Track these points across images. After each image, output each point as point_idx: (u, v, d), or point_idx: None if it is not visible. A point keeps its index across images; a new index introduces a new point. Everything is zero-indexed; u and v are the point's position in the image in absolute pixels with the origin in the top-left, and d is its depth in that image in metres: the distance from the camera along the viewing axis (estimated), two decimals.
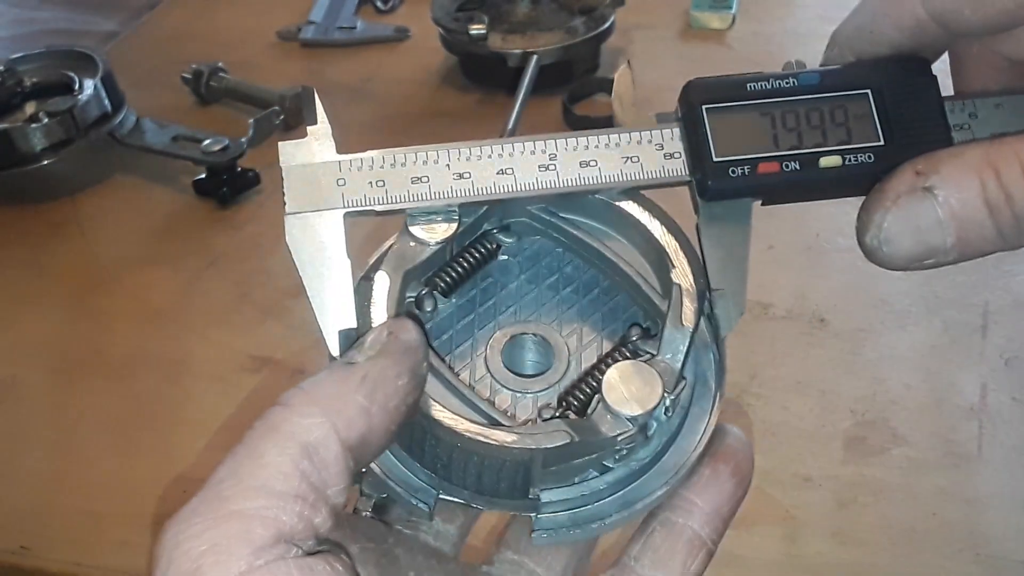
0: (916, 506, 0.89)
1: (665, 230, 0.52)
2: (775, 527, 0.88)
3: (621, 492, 0.50)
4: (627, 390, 0.47)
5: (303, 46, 1.60)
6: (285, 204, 0.49)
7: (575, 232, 0.54)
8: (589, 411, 0.48)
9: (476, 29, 1.37)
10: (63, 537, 0.93)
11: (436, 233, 0.50)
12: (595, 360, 0.52)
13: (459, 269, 0.53)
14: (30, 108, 1.35)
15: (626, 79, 0.55)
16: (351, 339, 0.48)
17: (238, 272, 1.19)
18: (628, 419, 0.46)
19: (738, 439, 0.51)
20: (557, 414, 0.50)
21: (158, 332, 1.13)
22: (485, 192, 0.50)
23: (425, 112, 1.44)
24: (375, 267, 0.51)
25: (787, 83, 0.51)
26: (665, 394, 0.47)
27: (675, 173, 0.51)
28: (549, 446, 0.46)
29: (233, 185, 1.28)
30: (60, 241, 1.27)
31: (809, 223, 1.17)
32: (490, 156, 0.50)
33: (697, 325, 0.50)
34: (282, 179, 0.49)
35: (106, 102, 1.33)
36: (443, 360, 0.51)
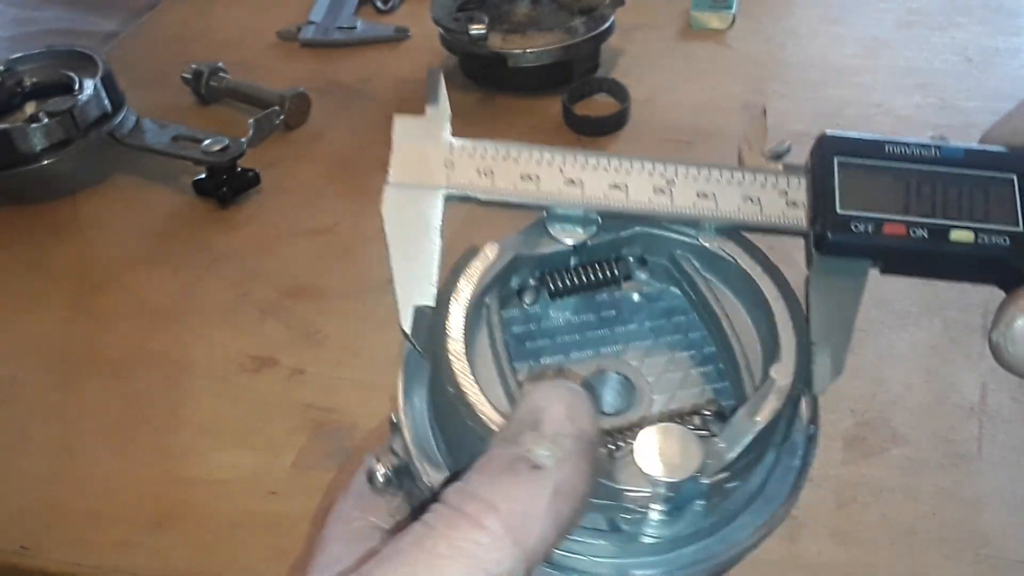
0: (916, 506, 0.89)
1: (789, 316, 0.48)
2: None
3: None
4: (660, 450, 0.42)
5: (303, 46, 1.60)
6: (388, 173, 0.49)
7: (707, 295, 0.51)
8: (618, 454, 0.45)
9: (476, 29, 1.37)
10: (63, 537, 0.92)
11: (571, 236, 0.49)
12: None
13: (578, 279, 0.51)
14: (30, 108, 1.34)
15: (760, 125, 0.51)
16: (425, 317, 0.46)
17: (238, 272, 1.19)
18: (646, 478, 0.41)
19: None
20: None
21: (158, 332, 1.13)
22: (594, 203, 0.48)
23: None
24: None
25: (928, 152, 0.48)
26: (697, 475, 0.41)
27: (795, 222, 0.48)
28: None
29: (233, 185, 1.28)
30: (60, 241, 1.27)
31: None
32: (606, 169, 0.49)
33: (774, 425, 0.45)
34: (392, 149, 0.49)
35: (106, 102, 1.32)
36: (510, 362, 0.47)
